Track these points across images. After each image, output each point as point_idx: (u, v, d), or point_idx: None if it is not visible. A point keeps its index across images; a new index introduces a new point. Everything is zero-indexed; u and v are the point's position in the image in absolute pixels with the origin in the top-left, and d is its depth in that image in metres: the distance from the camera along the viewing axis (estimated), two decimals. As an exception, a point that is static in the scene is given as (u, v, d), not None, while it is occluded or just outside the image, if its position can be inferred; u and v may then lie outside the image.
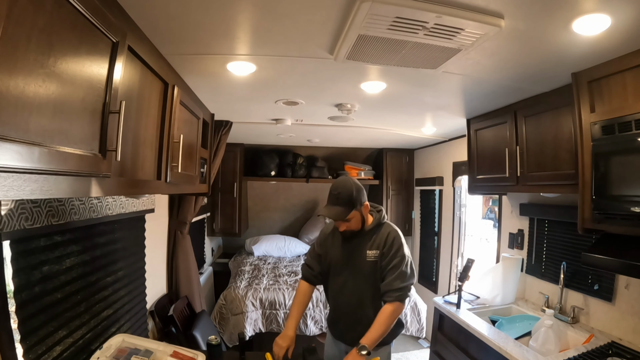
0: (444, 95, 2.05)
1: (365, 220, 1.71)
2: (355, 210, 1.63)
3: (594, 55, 1.40)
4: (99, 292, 1.64)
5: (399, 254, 1.65)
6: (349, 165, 4.45)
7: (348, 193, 1.61)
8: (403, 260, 1.65)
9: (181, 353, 1.52)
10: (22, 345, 1.15)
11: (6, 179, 0.64)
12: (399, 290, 1.61)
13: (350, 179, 1.68)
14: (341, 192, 1.62)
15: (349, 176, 1.72)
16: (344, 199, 1.61)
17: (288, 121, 2.79)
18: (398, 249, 1.66)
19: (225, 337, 3.07)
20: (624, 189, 1.37)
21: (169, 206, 2.70)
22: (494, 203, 3.53)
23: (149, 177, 1.39)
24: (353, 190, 1.62)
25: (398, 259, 1.64)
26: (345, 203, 1.61)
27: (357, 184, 1.66)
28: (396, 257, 1.64)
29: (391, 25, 1.19)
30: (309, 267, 1.87)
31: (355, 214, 1.64)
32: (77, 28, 0.81)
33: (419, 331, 3.36)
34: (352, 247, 1.72)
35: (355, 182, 1.67)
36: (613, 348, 1.67)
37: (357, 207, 1.63)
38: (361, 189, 1.67)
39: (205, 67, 1.67)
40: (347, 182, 1.65)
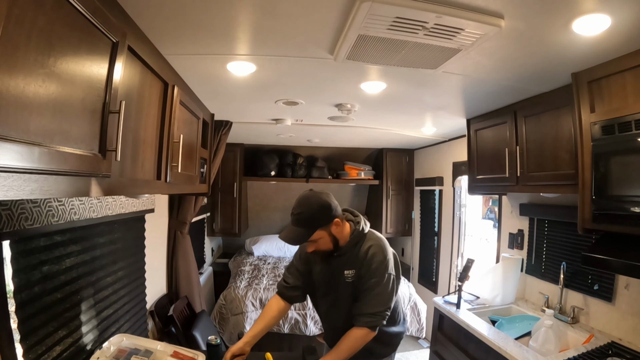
0: (444, 95, 2.05)
1: (339, 238, 1.51)
2: (321, 231, 1.44)
3: (594, 56, 1.40)
4: (99, 292, 1.64)
5: (376, 274, 1.46)
6: (349, 166, 4.45)
7: (309, 213, 1.42)
8: (380, 282, 1.45)
9: (181, 353, 1.52)
10: (22, 345, 1.15)
11: (6, 179, 0.64)
12: (369, 316, 1.44)
13: (314, 196, 1.46)
14: (302, 212, 1.43)
15: (314, 191, 1.49)
16: (304, 220, 1.43)
17: (288, 121, 2.79)
18: (377, 267, 1.46)
19: (225, 337, 3.07)
20: (624, 189, 1.37)
21: (169, 206, 2.70)
22: (494, 203, 3.52)
23: (149, 177, 1.39)
24: (315, 210, 1.42)
25: (374, 279, 1.46)
26: (305, 224, 1.43)
27: (322, 201, 1.44)
28: (372, 278, 1.46)
29: (391, 26, 1.19)
30: (284, 282, 1.68)
31: (321, 234, 1.45)
32: (77, 28, 0.81)
33: (419, 331, 3.36)
34: (332, 267, 1.55)
35: (319, 199, 1.44)
36: (613, 348, 1.67)
37: (322, 227, 1.44)
38: (327, 206, 1.45)
39: (205, 67, 1.67)
40: (308, 200, 1.44)
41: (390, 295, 1.49)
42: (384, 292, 1.47)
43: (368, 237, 1.55)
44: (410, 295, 3.40)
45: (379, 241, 1.54)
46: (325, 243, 1.48)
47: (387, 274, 1.48)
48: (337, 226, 1.48)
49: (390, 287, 1.49)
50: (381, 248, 1.51)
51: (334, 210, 1.47)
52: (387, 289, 1.48)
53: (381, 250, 1.51)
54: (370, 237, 1.56)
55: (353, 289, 1.51)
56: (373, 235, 1.57)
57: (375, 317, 1.44)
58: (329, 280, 1.58)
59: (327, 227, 1.46)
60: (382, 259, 1.49)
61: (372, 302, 1.45)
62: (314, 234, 1.44)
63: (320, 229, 1.44)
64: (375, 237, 1.56)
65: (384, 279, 1.47)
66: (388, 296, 1.48)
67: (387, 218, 4.33)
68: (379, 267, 1.47)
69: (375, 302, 1.45)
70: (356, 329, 1.45)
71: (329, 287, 1.59)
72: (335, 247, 1.51)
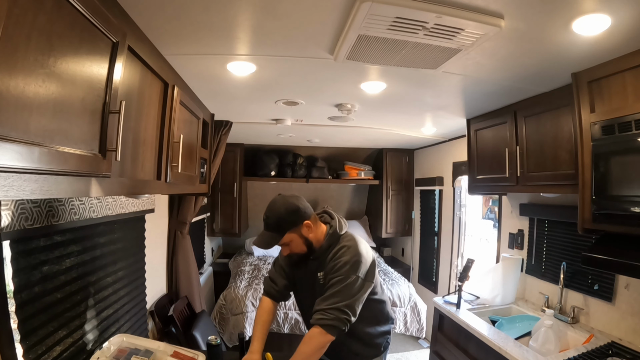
0: (444, 95, 2.05)
1: (313, 240, 1.49)
2: (291, 233, 1.44)
3: (594, 55, 1.40)
4: (99, 292, 1.64)
5: (339, 272, 1.40)
6: (349, 166, 4.45)
7: (276, 216, 1.43)
8: (343, 281, 1.38)
9: (181, 353, 1.52)
10: (22, 345, 1.15)
11: (6, 179, 0.64)
12: (321, 313, 1.36)
13: (282, 199, 1.47)
14: (269, 216, 1.43)
15: (283, 195, 1.49)
16: (272, 224, 1.43)
17: (288, 121, 2.79)
18: (340, 266, 1.41)
19: (225, 337, 3.07)
20: (624, 189, 1.37)
21: (169, 206, 2.70)
22: (494, 203, 3.53)
23: (149, 177, 1.39)
24: (282, 213, 1.42)
25: (336, 278, 1.40)
26: (274, 228, 1.43)
27: (288, 204, 1.44)
28: (335, 277, 1.40)
29: (391, 26, 1.19)
30: (272, 282, 1.67)
31: (291, 237, 1.44)
32: (77, 28, 0.81)
33: (419, 331, 3.36)
34: (308, 270, 1.54)
35: (286, 202, 1.45)
36: (613, 348, 1.67)
37: (291, 230, 1.44)
38: (294, 209, 1.44)
39: (205, 67, 1.67)
40: (275, 204, 1.45)
41: (352, 296, 1.38)
42: (343, 291, 1.37)
43: (343, 238, 1.51)
44: (410, 295, 3.39)
45: (351, 243, 1.48)
46: (297, 245, 1.47)
47: (354, 276, 1.40)
48: (308, 228, 1.46)
49: (355, 289, 1.39)
50: (351, 249, 1.45)
51: (302, 212, 1.46)
52: (350, 290, 1.38)
53: (349, 251, 1.44)
54: (345, 239, 1.51)
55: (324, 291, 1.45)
56: (348, 237, 1.51)
57: (328, 314, 1.35)
58: (306, 283, 1.57)
59: (296, 230, 1.45)
60: (348, 259, 1.42)
61: (328, 300, 1.37)
62: (284, 237, 1.44)
63: (290, 231, 1.44)
64: (348, 239, 1.50)
65: (348, 279, 1.39)
66: (349, 297, 1.37)
67: (387, 218, 4.33)
68: (342, 267, 1.41)
69: (332, 300, 1.37)
70: (312, 329, 1.37)
71: (306, 290, 1.58)
72: (310, 250, 1.49)
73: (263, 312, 1.64)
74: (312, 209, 1.53)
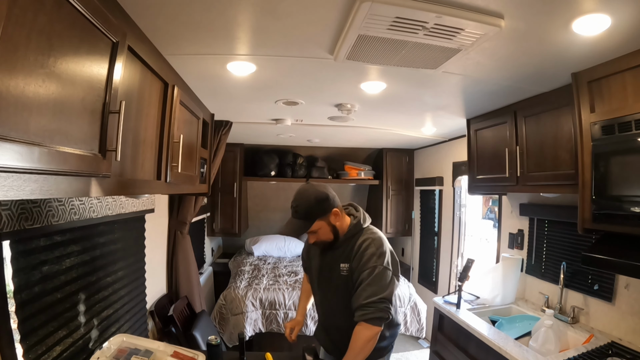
0: (444, 95, 2.05)
1: (339, 229, 1.53)
2: (320, 221, 1.47)
3: (594, 55, 1.40)
4: (99, 292, 1.64)
5: (367, 265, 1.44)
6: (349, 165, 4.45)
7: (306, 204, 1.46)
8: (372, 273, 1.42)
9: (181, 353, 1.52)
10: (22, 345, 1.15)
11: (6, 179, 0.64)
12: (362, 308, 1.40)
13: (312, 187, 1.50)
14: (299, 204, 1.46)
15: (311, 184, 1.53)
16: (302, 212, 1.46)
17: (288, 121, 2.79)
18: (368, 259, 1.44)
19: (225, 337, 3.07)
20: (624, 189, 1.37)
21: (169, 206, 2.70)
22: (494, 203, 3.53)
23: (149, 177, 1.39)
24: (312, 201, 1.46)
25: (366, 271, 1.43)
26: (304, 216, 1.46)
27: (319, 192, 1.48)
28: (364, 270, 1.44)
29: (391, 26, 1.19)
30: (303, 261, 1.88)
31: (320, 225, 1.48)
32: (77, 28, 0.81)
33: (419, 331, 3.36)
34: (329, 259, 1.57)
35: (316, 191, 1.48)
36: (613, 348, 1.67)
37: (321, 217, 1.47)
38: (324, 197, 1.48)
39: (205, 67, 1.67)
40: (305, 192, 1.48)
41: (385, 286, 1.42)
42: (375, 282, 1.41)
43: (365, 231, 1.55)
44: (410, 295, 3.39)
45: (375, 236, 1.52)
46: (325, 233, 1.51)
47: (381, 267, 1.44)
48: (335, 216, 1.51)
49: (385, 279, 1.43)
50: (375, 242, 1.49)
51: (331, 200, 1.50)
52: (380, 280, 1.42)
53: (374, 243, 1.48)
54: (368, 231, 1.55)
55: (348, 283, 1.50)
56: (371, 230, 1.56)
57: (367, 309, 1.39)
58: (324, 272, 1.61)
59: (325, 218, 1.49)
60: (373, 251, 1.46)
61: (363, 294, 1.41)
62: (313, 225, 1.47)
63: (319, 219, 1.48)
64: (372, 232, 1.55)
65: (376, 270, 1.43)
66: (382, 287, 1.41)
67: (387, 218, 4.33)
68: (370, 259, 1.45)
69: (367, 293, 1.41)
70: (357, 326, 1.42)
71: (324, 279, 1.61)
72: (336, 238, 1.53)
73: (305, 284, 1.92)
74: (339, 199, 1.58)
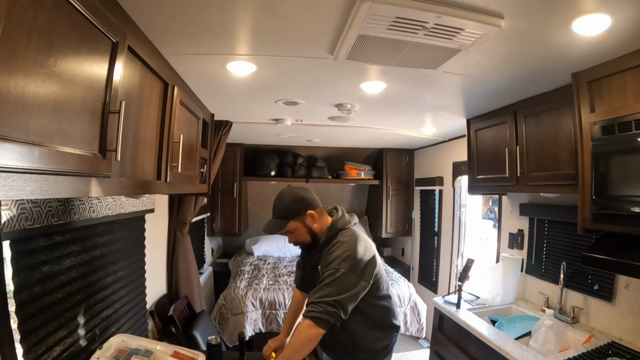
0: (444, 95, 2.05)
1: (317, 231, 1.54)
2: (295, 222, 1.51)
3: (594, 55, 1.40)
4: (99, 292, 1.64)
5: (331, 267, 1.40)
6: (349, 165, 4.45)
7: (283, 204, 1.52)
8: (333, 274, 1.38)
9: (181, 353, 1.52)
10: (22, 345, 1.15)
11: (6, 179, 0.64)
12: (311, 305, 1.36)
13: (291, 189, 1.55)
14: (277, 205, 1.54)
15: (290, 186, 1.59)
16: (278, 212, 1.53)
17: (288, 121, 2.79)
18: (332, 260, 1.41)
19: (225, 337, 3.07)
20: (624, 189, 1.37)
21: (169, 206, 2.70)
22: (494, 203, 3.52)
23: (149, 177, 1.39)
24: (288, 202, 1.51)
25: (329, 272, 1.39)
26: (280, 215, 1.52)
27: (295, 194, 1.52)
28: (327, 270, 1.41)
29: (391, 26, 1.19)
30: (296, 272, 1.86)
31: (295, 225, 1.51)
32: (77, 28, 0.81)
33: (419, 331, 3.36)
34: (313, 262, 1.60)
35: (292, 192, 1.53)
36: (613, 348, 1.67)
37: (296, 218, 1.51)
38: (300, 199, 1.51)
39: (205, 67, 1.67)
40: (283, 193, 1.54)
41: (342, 289, 1.35)
42: (333, 284, 1.36)
43: (342, 233, 1.51)
44: (410, 295, 3.39)
45: (347, 238, 1.47)
46: (301, 234, 1.54)
47: (344, 270, 1.38)
48: (312, 218, 1.53)
49: (345, 283, 1.37)
50: (344, 244, 1.44)
51: (307, 202, 1.53)
52: (339, 284, 1.36)
53: (343, 246, 1.44)
54: (344, 234, 1.51)
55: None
56: (346, 233, 1.51)
57: (317, 307, 1.34)
58: (310, 275, 1.64)
59: (300, 219, 1.52)
60: (339, 253, 1.42)
61: (318, 293, 1.37)
62: (288, 225, 1.52)
63: (294, 220, 1.52)
64: (346, 235, 1.50)
65: (338, 272, 1.37)
66: (339, 290, 1.35)
67: (387, 218, 4.33)
68: (333, 260, 1.41)
69: (323, 292, 1.36)
70: (303, 322, 1.37)
71: (310, 283, 1.62)
72: (314, 240, 1.56)
73: (292, 301, 1.85)
74: (319, 202, 1.60)
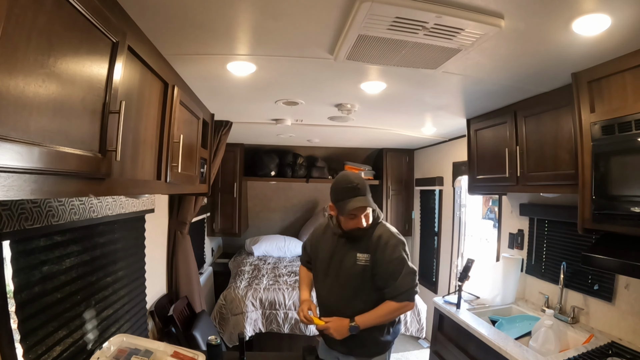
0: (444, 95, 2.05)
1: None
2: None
3: (594, 55, 1.40)
4: (99, 292, 1.64)
5: (397, 257, 1.57)
6: (349, 165, 4.45)
7: (364, 183, 1.57)
8: (403, 262, 1.58)
9: (181, 353, 1.52)
10: (22, 345, 1.15)
11: (6, 179, 0.64)
12: (405, 294, 1.57)
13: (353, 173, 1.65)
14: (359, 183, 1.55)
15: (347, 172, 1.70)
16: (363, 189, 1.55)
17: (288, 121, 2.79)
18: (393, 250, 1.58)
19: (225, 337, 3.07)
20: (624, 189, 1.37)
21: (169, 206, 2.70)
22: (494, 203, 3.52)
23: (149, 177, 1.39)
24: (365, 181, 1.59)
25: (396, 262, 1.57)
26: (365, 192, 1.56)
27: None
28: (394, 261, 1.57)
29: (391, 26, 1.19)
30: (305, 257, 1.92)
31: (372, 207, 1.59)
32: (77, 28, 0.81)
33: (419, 331, 3.35)
34: (345, 248, 1.65)
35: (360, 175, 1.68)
36: (613, 348, 1.67)
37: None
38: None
39: (205, 67, 1.67)
40: (355, 175, 1.61)
41: (413, 268, 1.60)
42: (409, 268, 1.59)
43: (382, 225, 1.67)
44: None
45: (391, 228, 1.68)
46: (368, 218, 1.60)
47: (406, 254, 1.60)
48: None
49: (412, 265, 1.61)
50: (393, 234, 1.64)
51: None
52: (409, 265, 1.59)
53: (393, 235, 1.63)
54: (384, 225, 1.68)
55: (364, 272, 1.60)
56: (385, 224, 1.70)
57: (409, 294, 1.58)
58: (338, 260, 1.67)
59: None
60: (396, 242, 1.61)
61: (407, 280, 1.58)
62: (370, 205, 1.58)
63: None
64: (388, 227, 1.68)
65: (405, 258, 1.59)
66: (413, 269, 1.60)
67: (387, 218, 4.33)
68: (395, 249, 1.59)
69: (406, 281, 1.57)
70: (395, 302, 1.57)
71: (333, 269, 1.67)
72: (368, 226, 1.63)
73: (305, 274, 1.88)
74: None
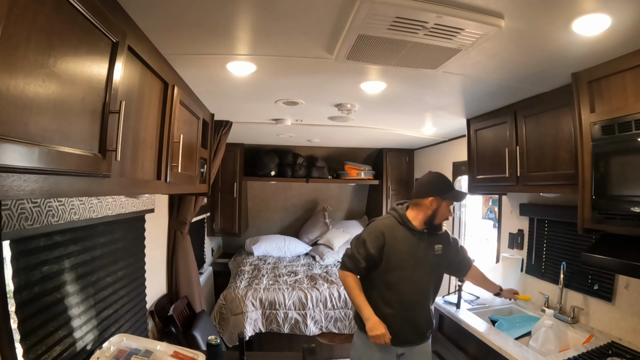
0: (444, 95, 2.05)
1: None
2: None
3: (594, 55, 1.40)
4: (99, 292, 1.64)
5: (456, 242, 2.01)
6: (349, 165, 4.45)
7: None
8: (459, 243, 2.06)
9: (181, 353, 1.52)
10: (22, 345, 1.15)
11: (6, 179, 0.64)
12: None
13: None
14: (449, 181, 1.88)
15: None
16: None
17: (288, 121, 2.79)
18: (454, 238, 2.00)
19: (225, 337, 3.08)
20: (624, 189, 1.37)
21: (169, 206, 2.70)
22: (494, 203, 3.52)
23: (149, 177, 1.39)
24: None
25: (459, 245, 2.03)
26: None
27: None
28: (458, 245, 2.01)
29: (391, 25, 1.19)
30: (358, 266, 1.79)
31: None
32: (77, 28, 0.81)
33: (419, 331, 3.35)
34: (427, 242, 1.83)
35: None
36: (613, 348, 1.67)
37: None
38: None
39: (205, 67, 1.67)
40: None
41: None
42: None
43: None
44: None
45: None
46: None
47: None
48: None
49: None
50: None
51: None
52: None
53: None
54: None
55: (441, 261, 1.86)
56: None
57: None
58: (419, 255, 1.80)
59: None
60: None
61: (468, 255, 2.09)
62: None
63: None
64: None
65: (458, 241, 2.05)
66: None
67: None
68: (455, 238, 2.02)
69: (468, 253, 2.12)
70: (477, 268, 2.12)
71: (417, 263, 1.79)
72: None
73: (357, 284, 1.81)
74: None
